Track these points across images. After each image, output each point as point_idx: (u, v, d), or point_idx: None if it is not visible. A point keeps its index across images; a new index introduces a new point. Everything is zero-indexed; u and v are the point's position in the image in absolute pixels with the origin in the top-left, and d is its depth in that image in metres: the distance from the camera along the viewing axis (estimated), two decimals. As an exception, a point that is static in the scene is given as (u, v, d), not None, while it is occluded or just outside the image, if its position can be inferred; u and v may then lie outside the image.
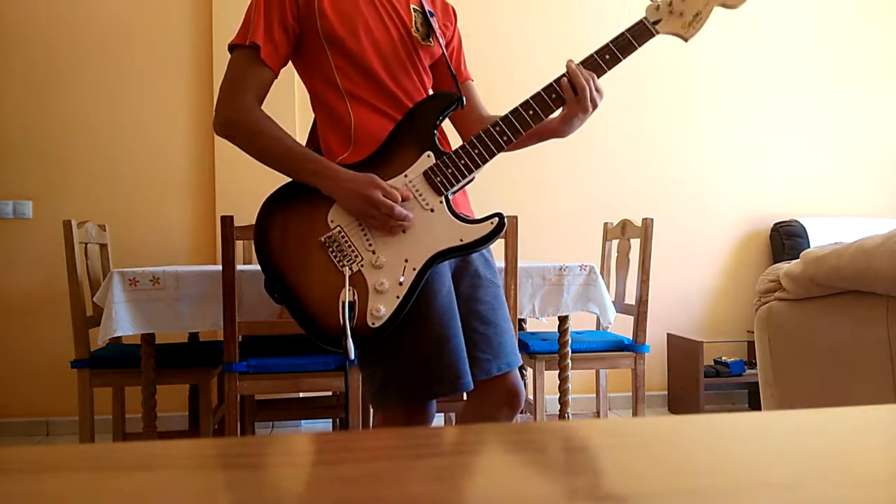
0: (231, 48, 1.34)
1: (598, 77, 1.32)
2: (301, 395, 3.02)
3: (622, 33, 1.33)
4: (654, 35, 1.33)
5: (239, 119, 1.31)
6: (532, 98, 1.33)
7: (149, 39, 3.27)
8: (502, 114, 1.34)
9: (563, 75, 1.33)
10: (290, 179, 1.34)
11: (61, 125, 3.20)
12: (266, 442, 0.35)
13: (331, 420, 3.10)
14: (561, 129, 1.39)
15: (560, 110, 1.35)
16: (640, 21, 1.32)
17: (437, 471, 0.30)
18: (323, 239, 1.28)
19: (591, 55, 1.33)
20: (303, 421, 3.24)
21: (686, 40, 1.34)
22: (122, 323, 2.08)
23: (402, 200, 1.27)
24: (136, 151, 3.25)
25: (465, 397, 1.48)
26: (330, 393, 2.92)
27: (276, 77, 1.35)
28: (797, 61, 3.80)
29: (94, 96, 3.22)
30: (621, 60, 1.33)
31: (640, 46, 1.32)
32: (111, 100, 3.23)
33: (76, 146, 3.21)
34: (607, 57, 1.32)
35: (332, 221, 1.29)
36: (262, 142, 1.31)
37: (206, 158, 3.27)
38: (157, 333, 2.19)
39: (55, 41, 3.20)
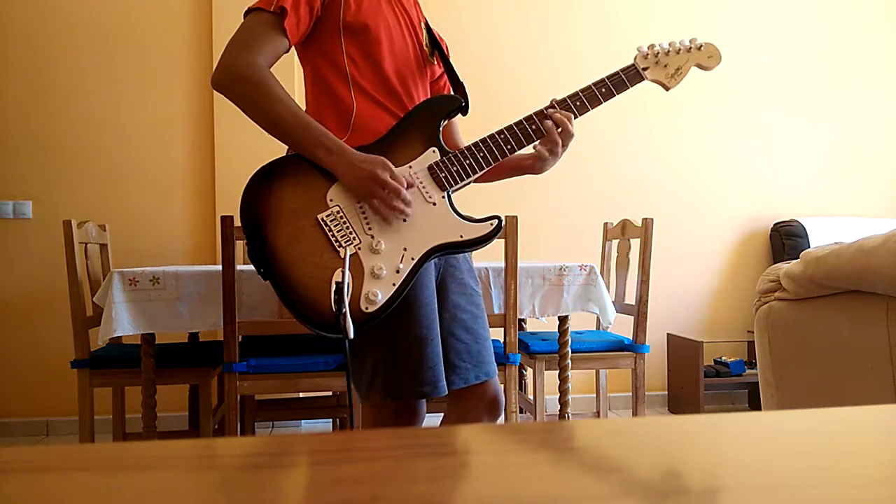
0: (250, 10, 1.30)
1: (593, 108, 1.39)
2: (301, 395, 3.02)
3: (616, 72, 1.41)
4: (643, 79, 1.42)
5: (251, 75, 1.25)
6: (535, 113, 1.38)
7: (149, 40, 3.27)
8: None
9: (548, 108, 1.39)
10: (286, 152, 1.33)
11: (61, 125, 3.20)
12: (266, 442, 0.35)
13: (331, 420, 3.10)
14: (534, 167, 1.45)
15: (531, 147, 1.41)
16: (632, 65, 1.42)
17: (437, 471, 0.30)
18: (320, 217, 1.26)
19: (589, 86, 1.39)
20: (303, 421, 3.24)
21: (668, 89, 1.45)
22: (122, 323, 2.08)
23: (407, 187, 1.28)
24: (137, 151, 3.25)
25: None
26: (330, 393, 2.92)
27: (287, 51, 1.33)
28: (797, 62, 3.80)
29: (95, 97, 3.22)
30: (615, 95, 1.42)
31: (631, 86, 1.42)
32: (112, 100, 3.23)
33: (76, 146, 3.21)
34: (603, 90, 1.39)
35: (331, 200, 1.27)
36: (271, 104, 1.25)
37: (207, 159, 3.27)
38: (157, 333, 2.19)
39: (55, 42, 3.20)
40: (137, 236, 3.23)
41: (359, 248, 1.26)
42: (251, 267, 2.39)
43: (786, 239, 3.55)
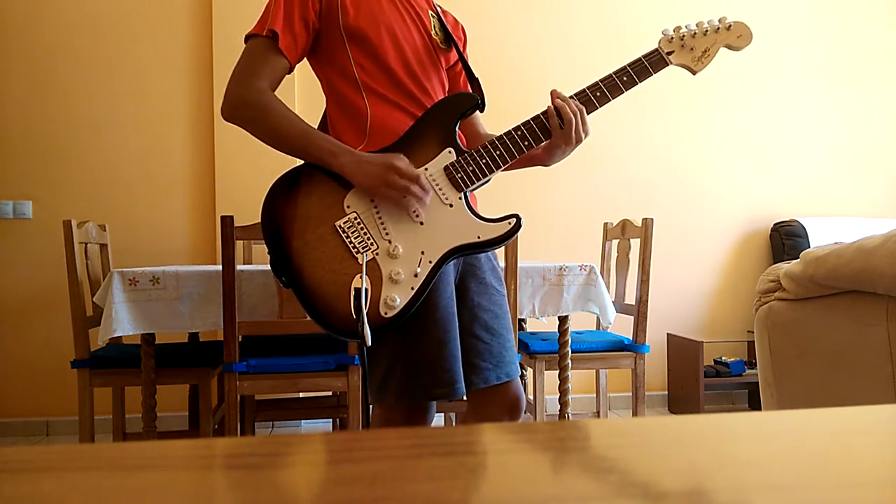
0: (247, 38, 1.33)
1: (614, 98, 1.34)
2: (301, 395, 3.02)
3: (639, 58, 1.35)
4: (668, 65, 1.36)
5: (253, 98, 1.28)
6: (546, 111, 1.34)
7: (149, 40, 3.27)
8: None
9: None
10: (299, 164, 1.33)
11: (61, 125, 3.20)
12: (266, 442, 0.35)
13: (331, 420, 3.10)
14: (544, 158, 1.41)
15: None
16: (656, 50, 1.36)
17: (437, 471, 0.30)
18: (337, 224, 1.26)
19: (610, 75, 1.34)
20: (303, 421, 3.24)
21: (694, 73, 1.38)
22: (122, 323, 2.08)
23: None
24: (137, 151, 3.25)
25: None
26: (330, 393, 2.92)
27: (291, 70, 1.34)
28: (796, 61, 3.80)
29: (95, 96, 3.22)
30: (637, 83, 1.35)
31: (655, 73, 1.36)
32: (111, 100, 3.23)
33: (76, 146, 3.21)
34: (624, 79, 1.34)
35: (348, 207, 1.27)
36: (275, 121, 1.28)
37: (207, 158, 3.27)
38: (157, 333, 2.19)
39: (55, 42, 3.20)
40: (137, 236, 3.23)
41: (376, 254, 1.26)
42: (251, 267, 2.39)
43: (786, 239, 3.55)
